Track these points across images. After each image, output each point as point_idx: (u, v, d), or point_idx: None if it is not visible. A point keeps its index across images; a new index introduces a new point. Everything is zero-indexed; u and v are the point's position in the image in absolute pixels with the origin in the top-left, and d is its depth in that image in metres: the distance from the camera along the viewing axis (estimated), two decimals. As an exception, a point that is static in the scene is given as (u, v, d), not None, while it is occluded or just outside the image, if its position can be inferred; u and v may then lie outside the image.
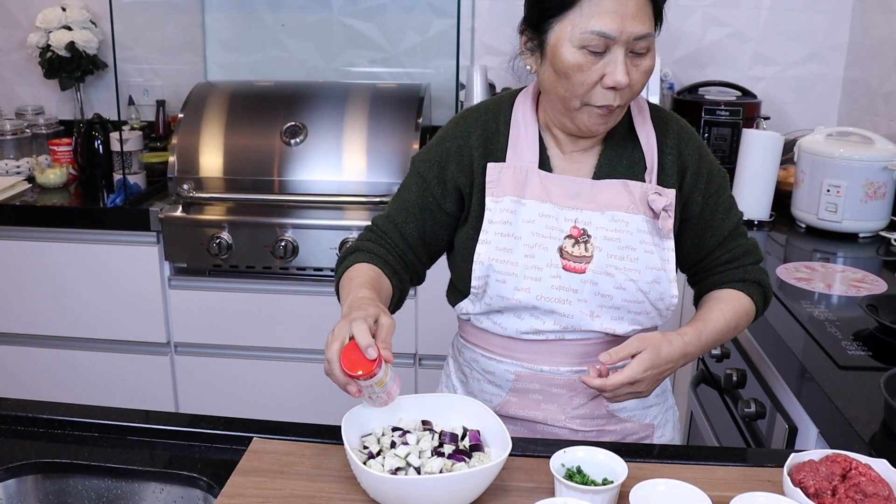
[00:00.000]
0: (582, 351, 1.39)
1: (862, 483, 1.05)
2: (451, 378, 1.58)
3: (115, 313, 2.66)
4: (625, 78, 1.24)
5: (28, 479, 1.24)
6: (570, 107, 1.31)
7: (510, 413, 1.44)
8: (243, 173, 2.60)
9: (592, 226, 1.36)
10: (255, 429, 1.31)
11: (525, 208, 1.36)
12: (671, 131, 1.41)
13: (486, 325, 1.44)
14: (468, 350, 1.50)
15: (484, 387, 1.47)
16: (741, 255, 1.46)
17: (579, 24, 1.24)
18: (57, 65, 3.02)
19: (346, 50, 3.10)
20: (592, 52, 1.24)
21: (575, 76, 1.26)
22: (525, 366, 1.41)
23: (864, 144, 2.40)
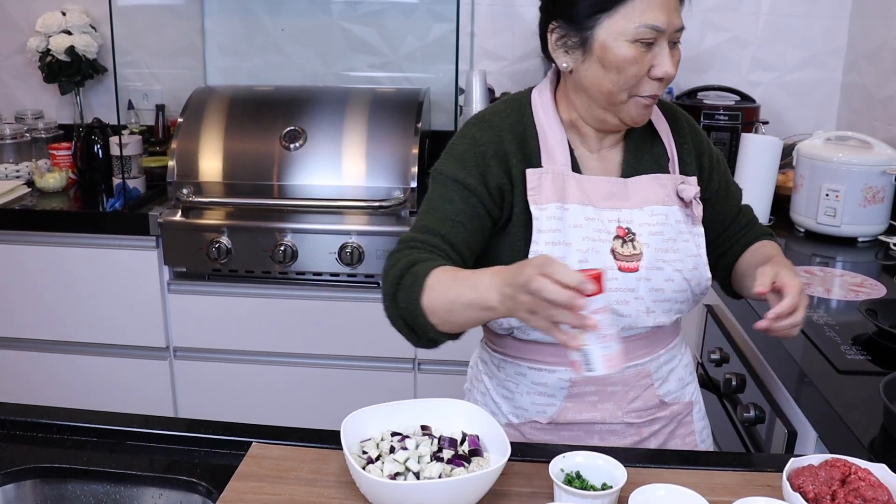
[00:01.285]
0: (632, 346, 1.39)
1: (861, 488, 1.05)
2: (490, 396, 1.50)
3: (114, 317, 2.66)
4: (672, 69, 1.28)
5: (27, 483, 1.24)
6: (616, 101, 1.32)
7: (567, 419, 1.42)
8: (243, 178, 2.60)
9: (634, 223, 1.37)
10: (254, 433, 1.31)
11: (570, 213, 1.35)
12: (680, 121, 1.48)
13: (535, 336, 1.39)
14: (511, 365, 1.45)
15: (536, 399, 1.43)
16: (752, 217, 1.59)
17: (633, 18, 1.26)
18: (57, 69, 3.02)
19: (346, 54, 3.11)
20: (645, 45, 1.27)
21: (629, 69, 1.28)
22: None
23: (862, 149, 2.40)
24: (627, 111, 1.34)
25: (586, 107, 1.37)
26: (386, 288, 1.27)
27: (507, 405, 1.47)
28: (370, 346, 2.60)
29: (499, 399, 1.48)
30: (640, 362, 1.41)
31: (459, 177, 1.35)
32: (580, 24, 1.30)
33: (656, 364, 1.44)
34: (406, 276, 1.24)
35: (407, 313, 1.24)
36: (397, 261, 1.28)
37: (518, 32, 3.01)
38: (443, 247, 1.31)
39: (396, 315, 1.26)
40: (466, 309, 1.18)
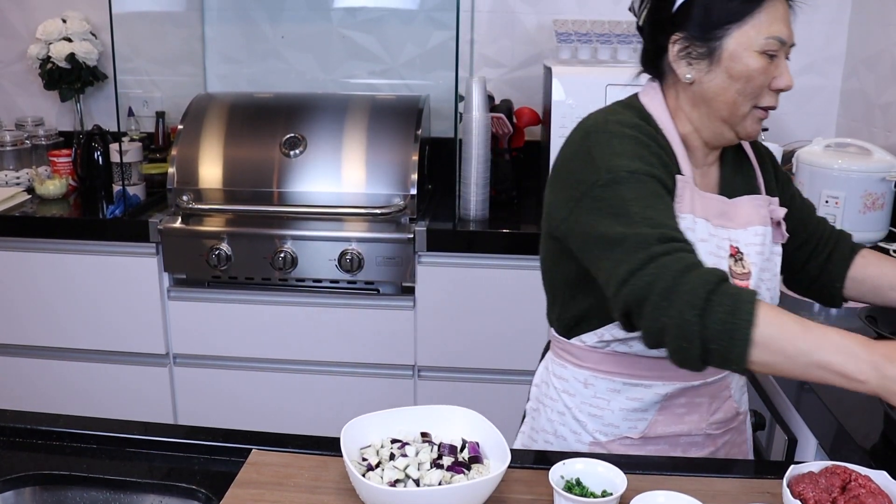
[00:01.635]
0: None
1: (862, 495, 1.05)
2: (572, 415, 1.45)
3: (114, 324, 2.66)
4: (792, 81, 1.31)
5: (26, 490, 1.23)
6: (739, 112, 1.32)
7: (656, 433, 1.41)
8: (243, 185, 2.61)
9: (741, 243, 1.38)
10: (253, 440, 1.31)
11: (698, 227, 1.33)
12: (758, 143, 1.51)
13: (637, 350, 1.36)
14: (603, 381, 1.41)
15: (629, 415, 1.41)
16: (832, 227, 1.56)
17: (763, 29, 1.27)
18: (57, 76, 3.03)
19: (346, 61, 3.11)
20: (770, 57, 1.29)
21: (757, 79, 1.29)
22: (676, 384, 1.39)
23: (862, 155, 2.40)
24: (745, 124, 1.33)
25: (704, 119, 1.35)
26: (688, 297, 1.10)
27: (595, 423, 1.43)
28: (370, 352, 2.60)
29: (584, 418, 1.44)
30: (724, 374, 1.43)
31: (657, 175, 1.27)
32: (708, 35, 1.29)
33: (733, 375, 1.46)
34: (720, 296, 1.10)
35: (720, 335, 1.09)
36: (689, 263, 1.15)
37: (518, 39, 3.01)
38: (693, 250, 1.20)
39: (694, 332, 1.09)
40: (817, 368, 1.07)
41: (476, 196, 2.58)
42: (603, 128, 1.31)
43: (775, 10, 1.28)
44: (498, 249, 2.49)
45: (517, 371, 2.58)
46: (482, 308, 2.53)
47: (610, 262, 1.20)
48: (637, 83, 1.43)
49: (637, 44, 2.54)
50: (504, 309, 2.53)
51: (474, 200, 2.58)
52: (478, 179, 2.57)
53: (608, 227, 1.21)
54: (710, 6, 1.28)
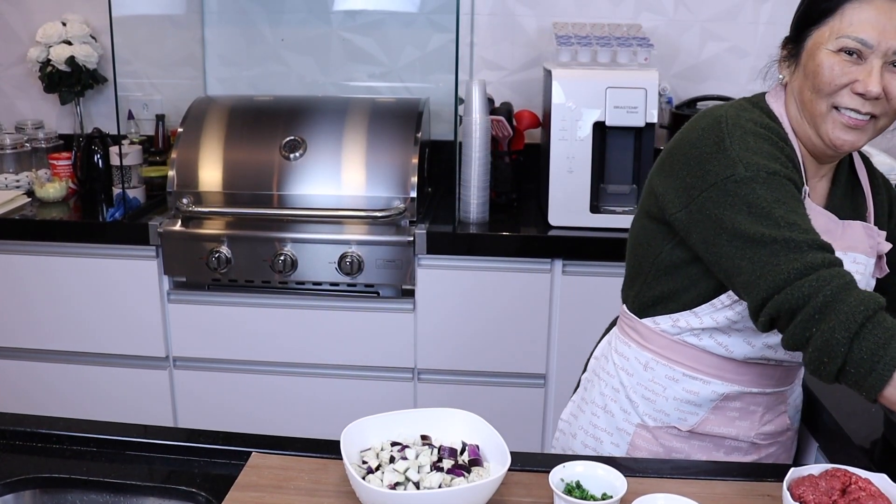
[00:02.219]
0: (787, 373, 1.43)
1: (862, 498, 1.05)
2: (625, 393, 1.47)
3: (113, 327, 2.66)
4: (876, 87, 1.26)
5: (26, 494, 1.23)
6: (817, 111, 1.31)
7: (705, 430, 1.43)
8: (243, 187, 2.61)
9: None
10: (253, 443, 1.31)
11: None
12: (876, 173, 1.49)
13: (705, 344, 1.38)
14: (663, 367, 1.43)
15: (682, 406, 1.43)
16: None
17: (838, 29, 1.28)
18: (57, 79, 3.03)
19: (346, 64, 3.11)
20: (847, 58, 1.27)
21: (824, 77, 1.29)
22: (734, 387, 1.40)
23: (861, 158, 2.40)
24: (826, 128, 1.31)
25: (798, 121, 1.36)
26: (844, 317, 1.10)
27: (647, 407, 1.45)
28: (370, 355, 2.60)
29: (637, 399, 1.46)
30: (784, 388, 1.44)
31: (794, 179, 1.27)
32: (798, 37, 1.36)
33: (791, 391, 1.47)
34: (875, 325, 1.10)
35: (863, 363, 1.09)
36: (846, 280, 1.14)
37: (518, 42, 3.02)
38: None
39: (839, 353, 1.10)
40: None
41: (476, 199, 2.58)
42: (736, 121, 1.31)
43: (860, 13, 1.26)
44: (498, 252, 2.49)
45: (517, 374, 2.58)
46: (482, 311, 2.53)
47: (754, 263, 1.19)
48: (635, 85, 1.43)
49: (637, 46, 2.55)
50: (504, 311, 2.53)
51: (474, 203, 2.58)
52: (478, 182, 2.57)
53: (748, 226, 1.20)
54: (803, 10, 1.35)
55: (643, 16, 2.94)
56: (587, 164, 2.47)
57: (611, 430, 1.50)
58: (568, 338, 2.53)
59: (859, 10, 1.27)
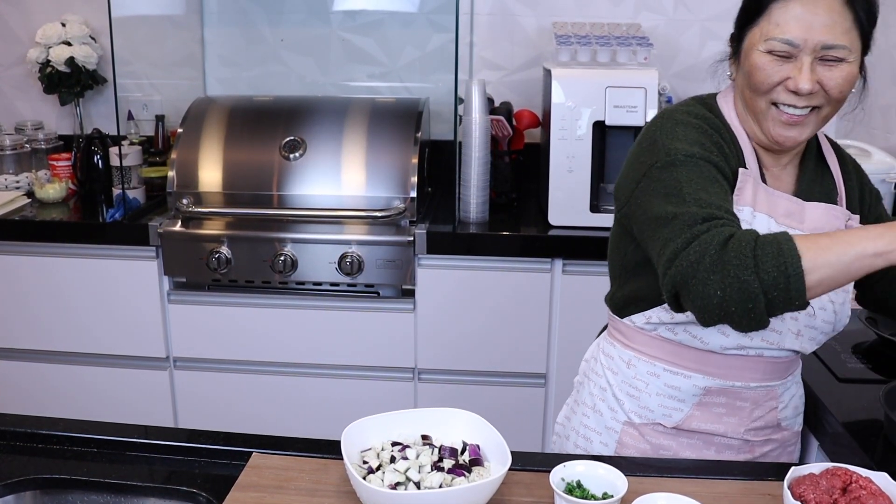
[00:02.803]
0: (773, 367, 1.41)
1: (862, 496, 1.05)
2: (611, 392, 1.49)
3: (114, 328, 2.66)
4: (807, 84, 1.28)
5: (27, 494, 1.23)
6: (758, 109, 1.35)
7: (691, 427, 1.43)
8: (242, 188, 2.61)
9: None
10: (254, 444, 1.31)
11: (756, 221, 1.35)
12: (846, 158, 1.50)
13: (681, 338, 1.40)
14: (644, 363, 1.45)
15: (665, 402, 1.44)
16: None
17: (766, 30, 1.30)
18: (56, 80, 3.03)
19: (345, 65, 3.11)
20: (778, 57, 1.30)
21: (757, 76, 1.32)
22: (717, 381, 1.40)
23: (861, 157, 2.40)
24: (767, 125, 1.35)
25: (744, 117, 1.40)
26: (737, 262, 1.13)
27: (632, 404, 1.47)
28: (370, 355, 2.60)
29: (622, 396, 1.48)
30: (773, 384, 1.43)
31: (713, 160, 1.31)
32: (739, 35, 1.37)
33: (783, 388, 1.45)
34: (763, 247, 1.14)
35: (775, 281, 1.12)
36: (726, 234, 1.18)
37: (517, 42, 3.02)
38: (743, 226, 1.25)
39: (756, 288, 1.13)
40: (857, 260, 1.12)
41: (476, 199, 2.58)
42: (670, 116, 1.37)
43: (785, 12, 1.28)
44: (498, 252, 2.49)
45: (517, 373, 2.58)
46: (482, 310, 2.53)
47: (658, 242, 1.24)
48: (635, 85, 1.44)
49: (636, 46, 2.55)
50: (504, 311, 2.53)
51: (474, 203, 2.58)
52: (477, 182, 2.57)
53: (660, 208, 1.26)
54: (740, 10, 1.36)
55: (643, 15, 2.94)
56: (587, 164, 2.47)
57: (600, 430, 1.51)
58: (568, 337, 2.53)
59: (784, 9, 1.29)
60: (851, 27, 1.29)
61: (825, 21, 1.27)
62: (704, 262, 1.15)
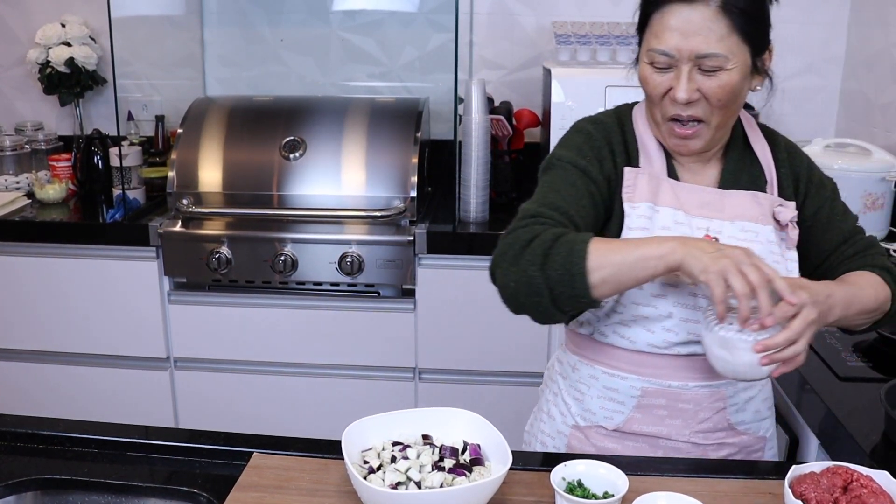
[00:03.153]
0: (709, 366, 1.39)
1: (863, 495, 1.05)
2: (561, 396, 1.52)
3: (114, 328, 2.66)
4: (684, 94, 1.29)
5: (27, 495, 1.24)
6: (657, 118, 1.38)
7: (633, 430, 1.43)
8: (243, 188, 2.61)
9: (723, 235, 1.37)
10: (255, 444, 1.31)
11: (659, 215, 1.37)
12: (780, 145, 1.48)
13: (611, 340, 1.41)
14: (586, 367, 1.46)
15: (605, 404, 1.44)
16: (866, 248, 1.45)
17: (648, 41, 1.32)
18: (56, 80, 3.03)
19: (345, 64, 3.11)
20: (658, 68, 1.31)
21: (644, 87, 1.35)
22: (652, 381, 1.40)
23: (861, 156, 2.40)
24: (664, 136, 1.39)
25: (652, 123, 1.41)
26: (529, 258, 1.24)
27: (577, 407, 1.48)
28: (371, 355, 2.60)
29: (569, 400, 1.50)
30: (715, 384, 1.40)
31: (581, 164, 1.38)
32: (639, 44, 1.38)
33: (733, 389, 1.42)
34: (557, 247, 1.23)
35: (561, 278, 1.22)
36: (536, 233, 1.27)
37: (517, 41, 3.02)
38: (570, 226, 1.31)
39: (540, 284, 1.23)
40: (640, 262, 1.20)
41: (476, 198, 2.58)
42: (575, 125, 1.46)
43: (660, 23, 1.29)
44: (498, 251, 2.49)
45: (518, 373, 2.58)
46: (482, 310, 2.53)
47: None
48: (635, 84, 1.44)
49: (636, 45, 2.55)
50: (504, 311, 2.52)
51: (474, 202, 2.58)
52: (477, 181, 2.57)
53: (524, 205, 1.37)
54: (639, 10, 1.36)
55: (642, 14, 2.93)
56: (587, 163, 2.47)
57: (553, 434, 1.52)
58: (569, 337, 2.52)
59: (660, 20, 1.29)
60: (729, 34, 1.27)
61: (699, 30, 1.26)
62: (508, 256, 1.27)
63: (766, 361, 1.18)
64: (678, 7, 1.27)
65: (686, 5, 1.27)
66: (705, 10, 1.26)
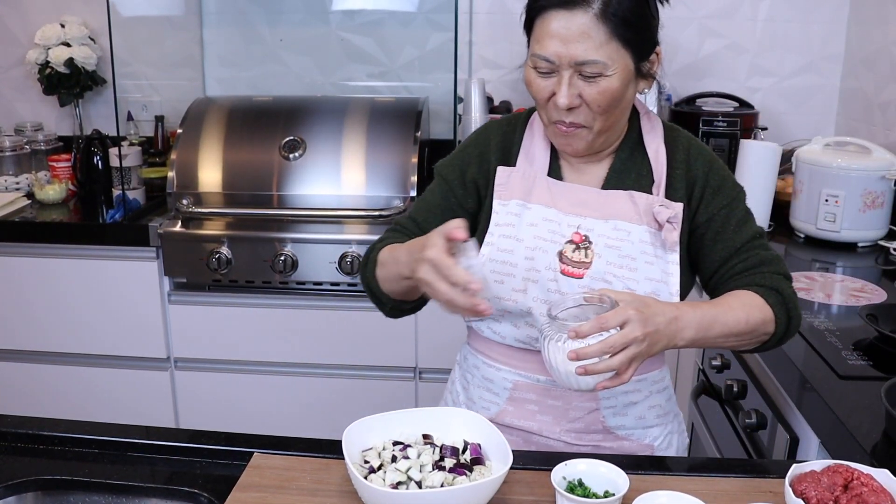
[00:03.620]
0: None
1: (864, 493, 1.05)
2: (455, 384, 1.58)
3: (114, 329, 2.66)
4: (564, 99, 1.29)
5: (28, 496, 1.23)
6: (544, 120, 1.39)
7: (506, 422, 1.44)
8: (242, 188, 2.61)
9: (595, 233, 1.38)
10: (255, 444, 1.31)
11: (530, 212, 1.39)
12: (680, 147, 1.43)
13: (487, 334, 1.45)
14: (472, 357, 1.52)
15: (483, 394, 1.48)
16: (758, 265, 1.40)
17: (532, 47, 1.32)
18: (56, 81, 3.03)
19: (345, 64, 3.11)
20: (541, 73, 1.31)
21: (529, 90, 1.36)
22: (522, 374, 1.43)
23: (861, 154, 2.40)
24: (551, 136, 1.41)
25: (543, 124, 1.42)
26: (362, 264, 1.47)
27: (464, 395, 1.55)
28: (371, 354, 2.60)
29: (459, 388, 1.56)
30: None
31: (444, 173, 1.49)
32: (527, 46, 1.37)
33: (609, 391, 1.38)
34: (370, 255, 1.44)
35: (371, 285, 1.43)
36: (377, 242, 1.47)
37: (516, 41, 2.99)
38: (415, 232, 1.43)
39: (366, 286, 1.45)
40: (398, 280, 1.34)
41: (476, 198, 2.58)
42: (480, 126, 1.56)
43: (542, 29, 1.28)
44: (498, 251, 2.49)
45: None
46: (483, 309, 2.52)
47: None
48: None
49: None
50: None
51: (474, 202, 2.58)
52: (477, 181, 2.57)
53: None
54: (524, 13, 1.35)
55: (642, 13, 2.93)
56: (587, 162, 2.47)
57: None
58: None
59: (542, 25, 1.28)
60: (608, 41, 1.25)
61: (578, 37, 1.25)
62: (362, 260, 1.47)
63: (581, 371, 1.16)
64: (558, 13, 1.26)
65: (566, 12, 1.25)
66: (584, 16, 1.24)
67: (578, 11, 1.25)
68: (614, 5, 1.25)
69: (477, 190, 1.46)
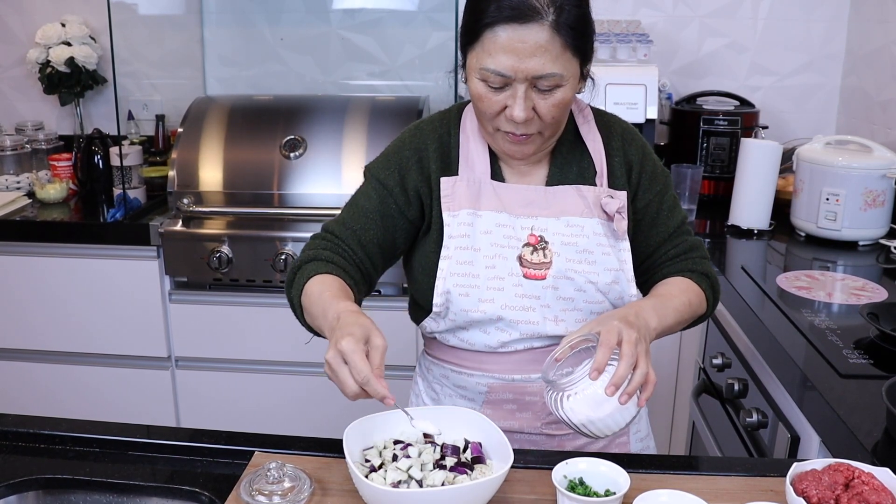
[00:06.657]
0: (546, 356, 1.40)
1: (865, 492, 1.05)
2: (422, 397, 1.57)
3: (115, 328, 2.66)
4: (522, 113, 1.27)
5: (29, 495, 1.24)
6: (486, 130, 1.36)
7: None
8: (243, 187, 2.61)
9: (549, 232, 1.38)
10: (256, 443, 1.31)
11: (481, 220, 1.38)
12: (615, 133, 1.45)
13: (453, 343, 1.44)
14: (437, 367, 1.50)
15: (457, 402, 1.48)
16: (688, 250, 1.48)
17: (480, 58, 1.27)
18: (56, 80, 3.03)
19: (345, 63, 3.11)
20: (492, 87, 1.27)
21: (478, 104, 1.31)
22: (496, 377, 1.42)
23: (862, 153, 2.40)
24: (497, 143, 1.37)
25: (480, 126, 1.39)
26: (287, 273, 1.40)
27: (434, 405, 1.52)
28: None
29: (427, 400, 1.55)
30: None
31: (381, 176, 1.42)
32: (464, 54, 1.32)
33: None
34: (300, 271, 1.36)
35: (294, 304, 1.36)
36: (307, 249, 1.40)
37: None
38: (351, 243, 1.40)
39: (289, 302, 1.38)
40: (318, 327, 1.31)
41: (476, 196, 2.58)
42: (404, 131, 1.48)
43: (494, 42, 1.23)
44: (499, 250, 2.49)
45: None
46: (483, 308, 2.53)
47: None
48: (635, 82, 1.43)
49: (636, 42, 2.55)
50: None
51: (475, 201, 2.58)
52: (478, 180, 2.57)
53: None
54: (462, 26, 1.31)
55: (642, 12, 2.93)
56: (587, 161, 2.47)
57: None
58: (569, 335, 2.52)
59: (493, 38, 1.23)
60: (562, 52, 1.24)
61: (534, 51, 1.22)
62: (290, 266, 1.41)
63: (625, 399, 1.15)
64: (512, 27, 1.22)
65: (520, 25, 1.21)
66: (540, 30, 1.22)
67: (533, 25, 1.21)
68: (565, 15, 1.23)
69: (419, 198, 1.42)
